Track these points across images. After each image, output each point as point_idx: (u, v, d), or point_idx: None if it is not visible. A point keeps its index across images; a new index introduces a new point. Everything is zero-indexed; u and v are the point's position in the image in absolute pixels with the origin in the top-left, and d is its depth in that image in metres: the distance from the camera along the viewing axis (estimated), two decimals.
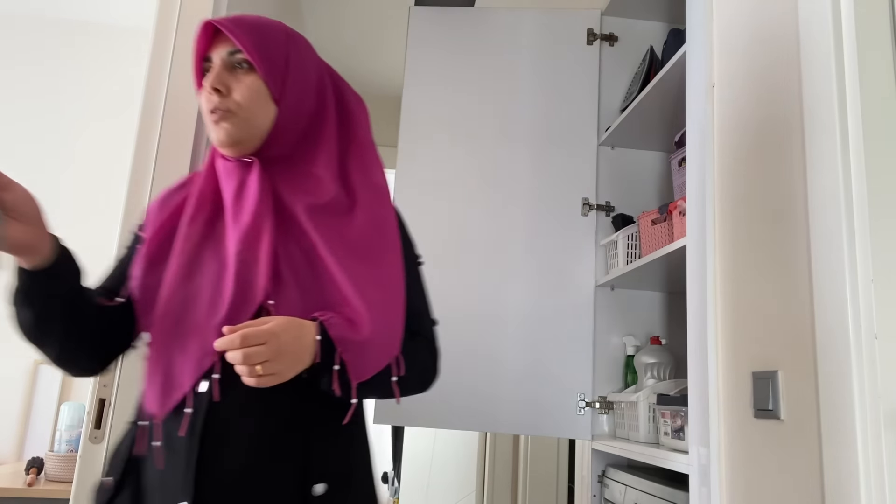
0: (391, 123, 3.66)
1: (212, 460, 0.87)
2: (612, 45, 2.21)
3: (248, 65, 0.96)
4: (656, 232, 1.73)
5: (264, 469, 0.89)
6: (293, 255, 0.94)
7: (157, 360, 0.91)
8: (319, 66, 1.05)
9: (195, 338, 0.91)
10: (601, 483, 1.97)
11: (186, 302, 0.93)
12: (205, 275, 0.94)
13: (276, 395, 0.90)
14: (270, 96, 0.97)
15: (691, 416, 1.28)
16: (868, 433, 0.87)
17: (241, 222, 0.94)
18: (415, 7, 2.28)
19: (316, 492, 0.90)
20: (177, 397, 0.89)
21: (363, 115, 1.09)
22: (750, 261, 1.16)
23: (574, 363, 2.00)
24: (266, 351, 0.83)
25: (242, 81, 0.96)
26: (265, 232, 0.93)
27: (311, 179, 0.99)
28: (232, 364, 0.84)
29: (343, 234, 0.96)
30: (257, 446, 0.89)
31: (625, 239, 1.90)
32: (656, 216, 1.73)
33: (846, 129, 0.95)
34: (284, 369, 0.86)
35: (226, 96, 0.95)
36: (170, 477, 0.88)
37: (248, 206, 0.95)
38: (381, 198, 1.03)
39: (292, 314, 0.89)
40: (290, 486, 0.89)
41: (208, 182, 1.00)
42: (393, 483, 4.19)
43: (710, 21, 1.37)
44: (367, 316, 0.91)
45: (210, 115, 0.96)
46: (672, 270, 1.76)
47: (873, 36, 0.96)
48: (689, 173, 1.39)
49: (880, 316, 0.88)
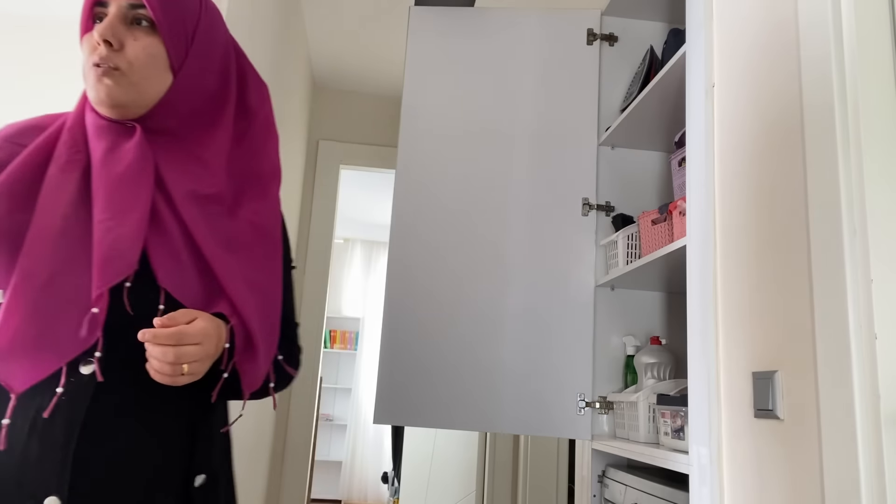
0: (391, 123, 3.66)
1: (87, 451, 0.77)
2: (612, 45, 2.21)
3: (149, 23, 0.85)
4: (656, 232, 1.73)
5: (146, 460, 0.81)
6: (173, 240, 0.84)
7: (25, 323, 0.77)
8: (227, 42, 0.95)
9: (74, 308, 0.78)
10: (601, 483, 1.97)
11: (62, 263, 0.80)
12: (76, 236, 0.81)
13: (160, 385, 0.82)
14: (168, 64, 0.86)
15: (691, 416, 1.28)
16: (868, 433, 0.87)
17: (109, 189, 0.82)
18: (415, 7, 2.28)
19: (196, 483, 0.85)
20: (47, 370, 0.77)
21: (265, 104, 0.99)
22: (750, 261, 1.16)
23: (574, 363, 2.00)
24: (198, 352, 0.78)
25: (139, 40, 0.85)
26: (140, 205, 0.82)
27: (199, 164, 0.89)
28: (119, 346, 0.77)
29: (224, 231, 0.88)
30: (140, 436, 0.81)
31: (625, 239, 1.90)
32: (656, 216, 1.73)
33: (846, 129, 0.95)
34: (203, 371, 0.80)
35: (116, 51, 0.83)
36: (32, 467, 0.76)
37: (120, 173, 0.83)
38: (269, 196, 0.96)
39: (195, 306, 0.83)
40: (174, 477, 0.83)
41: (81, 131, 0.87)
42: (393, 483, 4.19)
43: (710, 21, 1.37)
44: (253, 320, 0.86)
45: (93, 68, 0.83)
46: (672, 270, 1.76)
47: (873, 36, 0.96)
48: (689, 173, 1.39)
49: (880, 316, 0.88)
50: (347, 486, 6.27)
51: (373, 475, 6.33)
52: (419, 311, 2.02)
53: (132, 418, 0.81)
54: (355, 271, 6.79)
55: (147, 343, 0.76)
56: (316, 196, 3.51)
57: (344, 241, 6.85)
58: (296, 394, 3.33)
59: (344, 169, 3.63)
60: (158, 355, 0.75)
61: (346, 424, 6.43)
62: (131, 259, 0.80)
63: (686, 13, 1.47)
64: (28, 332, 0.77)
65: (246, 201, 0.92)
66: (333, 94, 3.65)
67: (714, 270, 1.27)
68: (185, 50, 0.88)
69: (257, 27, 1.93)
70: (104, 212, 0.81)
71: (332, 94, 3.65)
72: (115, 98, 0.84)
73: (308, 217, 3.49)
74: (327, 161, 3.57)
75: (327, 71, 3.44)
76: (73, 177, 0.84)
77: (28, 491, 0.75)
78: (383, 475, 4.25)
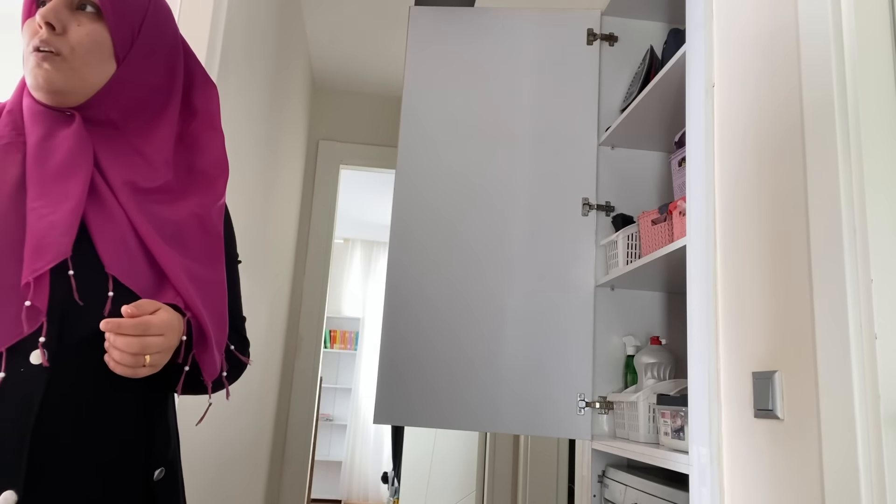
0: (391, 123, 3.66)
1: (41, 442, 0.75)
2: (612, 45, 2.21)
3: (95, 9, 0.84)
4: (656, 232, 1.73)
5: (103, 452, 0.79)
6: (120, 228, 0.82)
7: None
8: (176, 38, 0.93)
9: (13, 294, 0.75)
10: (601, 483, 1.97)
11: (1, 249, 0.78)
12: (16, 222, 0.79)
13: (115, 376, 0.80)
14: (112, 53, 0.85)
15: (691, 416, 1.28)
16: (868, 433, 0.87)
17: (43, 177, 0.80)
18: (415, 7, 2.28)
19: (156, 476, 0.84)
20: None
21: (211, 101, 0.98)
22: (750, 261, 1.16)
23: (574, 363, 2.00)
24: (161, 343, 0.76)
25: (84, 26, 0.83)
26: (75, 194, 0.80)
27: (140, 157, 0.87)
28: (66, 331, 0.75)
29: (167, 223, 0.86)
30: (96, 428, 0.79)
31: (625, 239, 1.90)
32: (656, 216, 1.73)
33: (846, 129, 0.95)
34: (163, 363, 0.79)
35: (58, 35, 0.81)
36: None
37: (57, 161, 0.81)
38: (215, 191, 0.94)
39: (145, 294, 0.81)
40: (133, 470, 0.82)
41: (20, 116, 0.85)
42: (393, 483, 4.19)
43: (710, 21, 1.37)
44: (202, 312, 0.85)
45: (33, 52, 0.80)
46: (672, 270, 1.76)
47: (873, 36, 0.96)
48: (689, 173, 1.39)
49: (880, 316, 0.88)
50: (347, 486, 6.27)
51: (373, 475, 6.33)
52: (419, 311, 2.02)
53: (87, 409, 0.78)
54: (355, 271, 6.79)
55: (109, 333, 0.74)
56: (316, 196, 3.51)
57: (344, 241, 6.85)
58: (296, 394, 3.33)
59: (344, 169, 3.63)
60: (122, 346, 0.73)
61: (346, 424, 6.43)
62: (63, 246, 0.77)
63: (686, 13, 1.47)
64: None
65: (190, 195, 0.91)
66: (333, 94, 3.65)
67: (714, 270, 1.27)
68: (130, 40, 0.86)
69: (257, 27, 1.93)
70: (37, 199, 0.78)
71: (332, 94, 3.65)
72: (53, 83, 0.81)
73: (308, 217, 3.49)
74: (327, 161, 3.57)
75: (327, 71, 3.44)
76: (13, 159, 0.81)
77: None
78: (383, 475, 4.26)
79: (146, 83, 0.88)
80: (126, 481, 0.81)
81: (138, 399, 0.84)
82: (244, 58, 1.78)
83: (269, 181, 2.39)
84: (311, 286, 3.42)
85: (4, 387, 0.74)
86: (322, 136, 3.60)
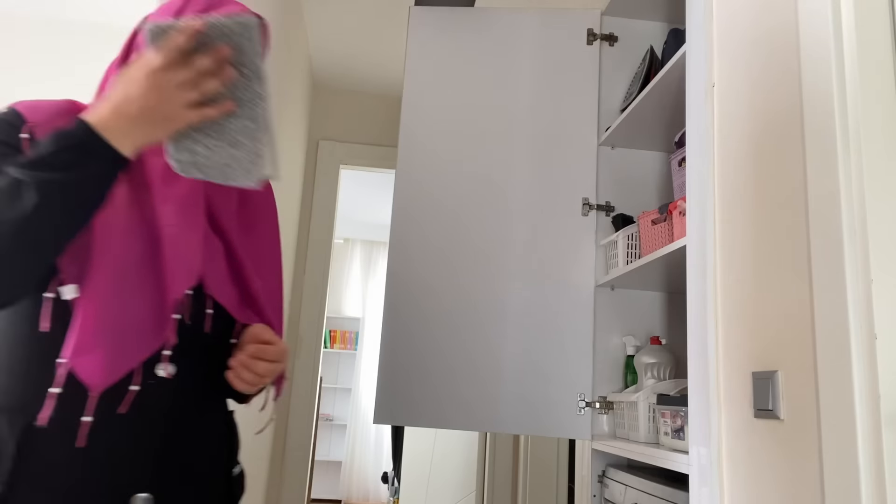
0: (391, 123, 3.66)
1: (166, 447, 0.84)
2: (612, 45, 2.21)
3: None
4: (656, 232, 1.73)
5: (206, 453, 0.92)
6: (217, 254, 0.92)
7: (101, 321, 0.78)
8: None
9: (147, 307, 0.82)
10: (601, 483, 1.97)
11: (130, 261, 0.82)
12: (136, 235, 0.83)
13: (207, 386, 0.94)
14: None
15: (691, 416, 1.28)
16: (868, 433, 0.87)
17: (176, 198, 0.86)
18: (415, 7, 2.28)
19: (234, 472, 0.97)
20: (125, 369, 0.80)
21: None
22: (750, 261, 1.16)
23: (574, 363, 2.00)
24: (280, 369, 0.91)
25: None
26: (201, 224, 0.88)
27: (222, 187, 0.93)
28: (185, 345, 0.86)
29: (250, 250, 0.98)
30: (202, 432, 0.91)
31: (625, 239, 1.90)
32: (656, 216, 1.73)
33: (846, 129, 0.95)
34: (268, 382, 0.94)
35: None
36: (120, 465, 0.80)
37: (186, 185, 0.87)
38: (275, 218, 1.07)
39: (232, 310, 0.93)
40: (223, 469, 0.95)
41: None
42: (393, 483, 4.19)
43: (710, 21, 1.37)
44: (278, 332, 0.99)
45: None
46: (672, 270, 1.76)
47: (873, 36, 0.96)
48: (689, 173, 1.39)
49: (880, 316, 0.88)
50: (347, 487, 6.27)
51: (373, 475, 6.32)
52: (419, 311, 2.02)
53: (196, 415, 0.90)
54: (355, 271, 6.79)
55: (246, 354, 0.87)
56: (316, 196, 3.51)
57: (344, 241, 6.85)
58: (296, 394, 3.33)
59: (344, 169, 3.63)
60: (263, 371, 0.87)
61: (346, 424, 6.43)
62: (198, 269, 0.87)
63: (686, 13, 1.47)
64: (102, 330, 0.79)
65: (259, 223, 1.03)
66: (333, 94, 3.65)
67: (714, 270, 1.27)
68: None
69: None
70: (174, 221, 0.85)
71: (332, 94, 3.65)
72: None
73: (308, 217, 3.49)
74: (327, 161, 3.56)
75: (327, 71, 3.44)
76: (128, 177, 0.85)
77: (119, 488, 0.80)
78: (383, 475, 4.25)
79: None
80: (218, 478, 0.94)
81: (221, 407, 0.98)
82: None
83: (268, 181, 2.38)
84: (311, 286, 3.42)
85: (138, 398, 0.82)
86: (322, 136, 3.60)
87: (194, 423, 0.89)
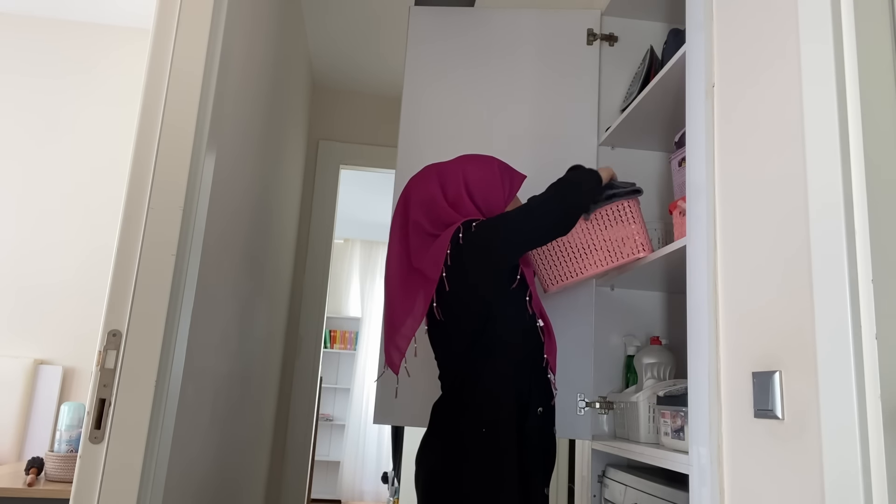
0: (391, 123, 3.66)
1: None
2: (612, 45, 2.21)
3: None
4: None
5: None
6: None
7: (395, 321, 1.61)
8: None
9: (398, 334, 1.63)
10: (601, 483, 1.97)
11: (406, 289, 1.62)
12: (402, 285, 1.62)
13: None
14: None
15: (691, 416, 1.28)
16: (868, 433, 0.87)
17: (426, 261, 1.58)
18: (415, 7, 2.28)
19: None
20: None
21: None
22: (750, 260, 1.16)
23: (574, 363, 2.00)
24: None
25: None
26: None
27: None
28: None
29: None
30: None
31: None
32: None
33: (846, 129, 0.95)
34: None
35: None
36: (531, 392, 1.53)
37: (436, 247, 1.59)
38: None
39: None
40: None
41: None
42: (393, 483, 4.19)
43: (710, 21, 1.37)
44: None
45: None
46: (672, 270, 1.76)
47: (873, 36, 0.96)
48: (689, 173, 1.39)
49: (880, 316, 0.88)
50: (347, 487, 6.27)
51: (373, 475, 6.32)
52: None
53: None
54: (355, 271, 6.79)
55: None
56: (316, 196, 3.51)
57: (344, 241, 6.85)
58: (296, 394, 3.33)
59: (344, 169, 3.63)
60: None
61: (346, 424, 6.43)
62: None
63: (686, 13, 1.47)
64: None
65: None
66: (333, 94, 3.65)
67: (714, 270, 1.27)
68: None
69: (257, 27, 1.93)
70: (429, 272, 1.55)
71: (332, 94, 3.65)
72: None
73: (308, 217, 3.49)
74: (327, 161, 3.57)
75: (327, 71, 3.44)
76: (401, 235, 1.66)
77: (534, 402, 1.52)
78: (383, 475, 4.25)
79: None
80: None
81: None
82: (244, 58, 1.78)
83: (269, 181, 2.39)
84: (311, 286, 3.42)
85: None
86: (322, 136, 3.60)
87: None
